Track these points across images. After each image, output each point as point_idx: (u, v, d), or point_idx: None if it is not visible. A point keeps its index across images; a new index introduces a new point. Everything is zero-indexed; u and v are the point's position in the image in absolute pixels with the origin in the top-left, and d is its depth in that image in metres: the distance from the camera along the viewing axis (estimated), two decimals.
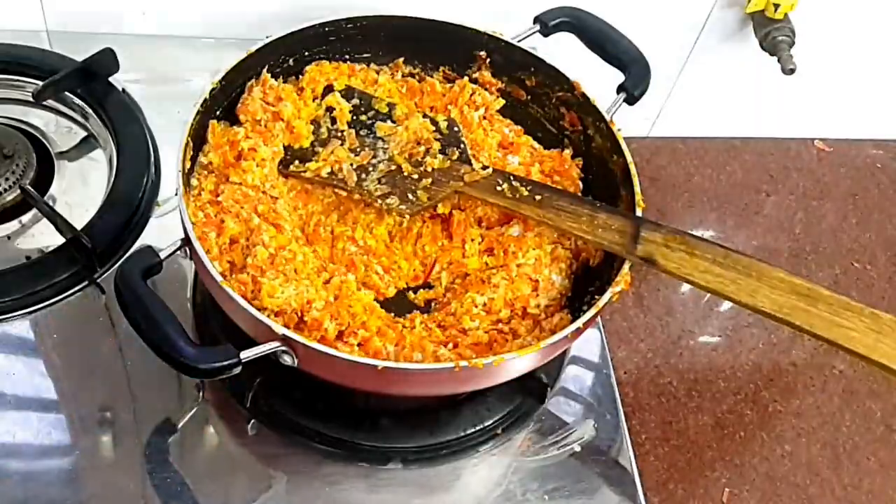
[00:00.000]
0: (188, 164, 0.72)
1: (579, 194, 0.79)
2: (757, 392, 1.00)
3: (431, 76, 0.86)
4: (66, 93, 0.89)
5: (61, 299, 0.77)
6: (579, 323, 0.65)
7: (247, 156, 0.75)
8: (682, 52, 1.09)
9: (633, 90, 0.79)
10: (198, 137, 0.74)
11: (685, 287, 1.07)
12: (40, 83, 0.87)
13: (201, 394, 0.75)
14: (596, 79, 0.80)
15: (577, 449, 0.77)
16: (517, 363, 0.64)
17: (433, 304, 0.76)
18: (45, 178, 0.85)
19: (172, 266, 0.78)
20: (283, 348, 0.61)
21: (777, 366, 1.02)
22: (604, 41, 0.82)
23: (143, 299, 0.60)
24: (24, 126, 0.88)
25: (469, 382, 0.68)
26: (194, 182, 0.74)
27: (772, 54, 1.01)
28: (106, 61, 0.88)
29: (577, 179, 0.80)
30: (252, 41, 0.78)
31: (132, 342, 0.75)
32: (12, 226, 0.82)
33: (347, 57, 0.84)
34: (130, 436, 0.72)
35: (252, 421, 0.74)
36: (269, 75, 0.79)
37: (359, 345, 0.68)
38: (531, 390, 0.78)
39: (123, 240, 0.81)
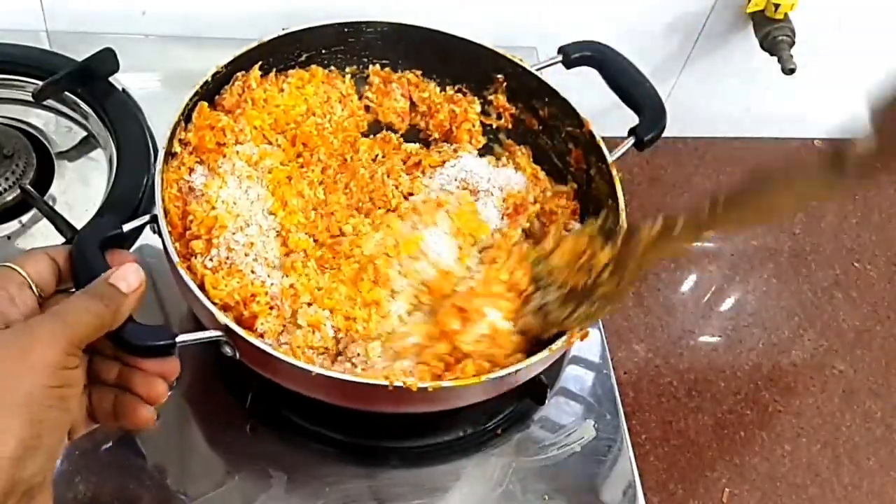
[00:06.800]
0: (176, 143, 0.73)
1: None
2: (757, 392, 1.00)
3: (445, 91, 0.85)
4: (66, 93, 0.88)
5: None
6: (520, 365, 0.64)
7: (227, 142, 0.76)
8: (682, 51, 1.09)
9: (643, 135, 0.77)
10: (191, 119, 0.75)
11: (685, 287, 1.07)
12: (40, 83, 0.87)
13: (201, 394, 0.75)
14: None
15: (577, 449, 0.77)
16: (457, 391, 0.63)
17: None
18: (44, 177, 0.85)
19: None
20: (225, 339, 0.62)
21: (777, 366, 1.02)
22: (623, 80, 0.80)
23: (93, 268, 0.57)
24: (23, 126, 0.88)
25: (405, 403, 0.65)
26: (178, 150, 0.74)
27: (772, 54, 1.01)
28: (106, 61, 0.87)
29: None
30: (253, 41, 0.77)
31: None
32: (12, 226, 0.82)
33: (366, 59, 0.84)
34: (129, 436, 0.72)
35: (252, 421, 0.74)
36: (260, 71, 0.79)
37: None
38: (531, 391, 0.78)
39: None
